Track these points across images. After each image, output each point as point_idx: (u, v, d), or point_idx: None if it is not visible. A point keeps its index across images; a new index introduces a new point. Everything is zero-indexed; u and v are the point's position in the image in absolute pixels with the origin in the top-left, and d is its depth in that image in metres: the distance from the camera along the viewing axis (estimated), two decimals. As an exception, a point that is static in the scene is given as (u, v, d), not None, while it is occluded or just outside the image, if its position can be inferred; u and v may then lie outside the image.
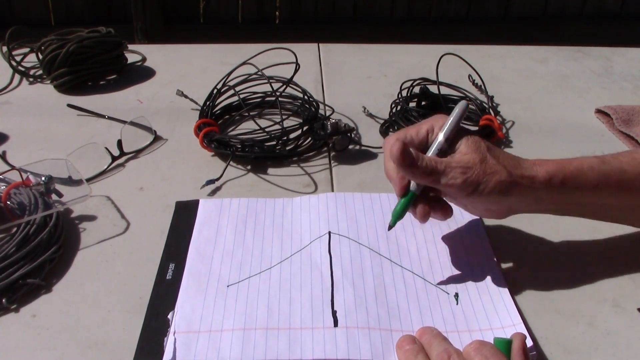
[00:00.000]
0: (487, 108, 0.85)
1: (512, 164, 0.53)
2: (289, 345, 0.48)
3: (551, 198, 0.54)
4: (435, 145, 0.54)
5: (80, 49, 0.90)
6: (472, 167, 0.52)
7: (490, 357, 0.43)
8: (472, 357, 0.44)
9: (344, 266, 0.56)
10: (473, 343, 0.45)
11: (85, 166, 0.70)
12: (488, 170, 0.52)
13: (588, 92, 0.97)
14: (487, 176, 0.52)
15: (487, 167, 0.52)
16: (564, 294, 0.56)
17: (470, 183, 0.51)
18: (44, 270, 0.56)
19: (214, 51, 1.09)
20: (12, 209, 0.61)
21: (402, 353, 0.47)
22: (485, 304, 0.53)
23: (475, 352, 0.44)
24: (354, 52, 1.11)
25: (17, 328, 0.51)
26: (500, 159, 0.53)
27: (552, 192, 0.54)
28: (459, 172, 0.51)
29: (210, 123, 0.77)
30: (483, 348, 0.44)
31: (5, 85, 0.93)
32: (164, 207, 0.66)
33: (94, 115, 0.85)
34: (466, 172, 0.51)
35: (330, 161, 0.76)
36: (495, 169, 0.52)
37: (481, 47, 1.13)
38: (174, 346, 0.48)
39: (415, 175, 0.52)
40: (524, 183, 0.52)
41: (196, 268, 0.56)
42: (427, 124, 0.56)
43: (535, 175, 0.53)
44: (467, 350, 0.44)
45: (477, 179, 0.51)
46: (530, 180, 0.53)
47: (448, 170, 0.52)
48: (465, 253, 0.59)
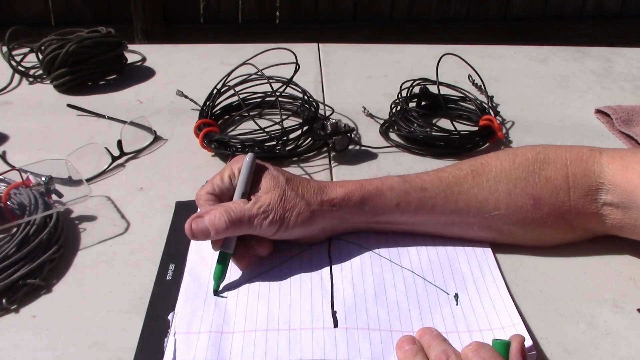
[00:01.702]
0: (487, 108, 0.85)
1: (313, 192, 0.56)
2: (289, 346, 0.48)
3: (355, 217, 0.57)
4: (237, 194, 0.56)
5: (80, 49, 0.90)
6: (272, 208, 0.54)
7: (487, 359, 0.43)
8: (469, 358, 0.44)
9: (344, 267, 0.56)
10: (471, 345, 0.45)
11: (85, 166, 0.70)
12: (287, 206, 0.54)
13: (588, 92, 0.97)
14: (287, 212, 0.54)
15: (286, 203, 0.54)
16: (564, 294, 0.56)
17: (275, 222, 0.54)
18: (44, 270, 0.56)
19: (214, 51, 1.09)
20: (12, 209, 0.61)
21: (402, 353, 0.47)
22: (485, 304, 0.53)
23: (473, 353, 0.44)
24: (354, 52, 1.11)
25: (17, 328, 0.51)
26: (299, 190, 0.55)
27: (353, 211, 0.57)
28: (262, 217, 0.53)
29: (210, 123, 0.77)
30: (481, 350, 0.44)
31: (5, 85, 0.93)
32: (164, 207, 0.66)
33: (94, 115, 0.85)
34: (268, 214, 0.54)
35: (330, 161, 0.76)
36: (293, 202, 0.54)
37: (481, 47, 1.13)
38: (174, 347, 0.48)
39: (216, 244, 0.55)
40: (324, 209, 0.56)
41: (196, 269, 0.56)
42: (228, 170, 0.58)
43: (334, 198, 0.56)
44: (465, 352, 0.44)
45: (279, 217, 0.54)
46: (329, 204, 0.56)
47: (253, 219, 0.53)
48: (465, 253, 0.59)
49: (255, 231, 0.54)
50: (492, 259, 0.58)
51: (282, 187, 0.55)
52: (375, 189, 0.57)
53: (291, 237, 0.57)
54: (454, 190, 0.57)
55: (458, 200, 0.57)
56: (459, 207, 0.57)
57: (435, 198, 0.57)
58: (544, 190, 0.57)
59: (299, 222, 0.54)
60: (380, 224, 0.59)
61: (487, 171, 0.58)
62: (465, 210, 0.57)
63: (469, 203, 0.57)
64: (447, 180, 0.58)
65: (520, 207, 0.57)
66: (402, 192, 0.57)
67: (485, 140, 0.79)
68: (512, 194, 0.57)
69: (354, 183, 0.58)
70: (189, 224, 0.53)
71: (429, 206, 0.57)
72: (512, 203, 0.57)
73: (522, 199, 0.57)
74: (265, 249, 0.56)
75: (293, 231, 0.55)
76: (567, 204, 0.57)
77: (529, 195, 0.57)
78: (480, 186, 0.58)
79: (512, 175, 0.58)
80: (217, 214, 0.53)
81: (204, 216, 0.53)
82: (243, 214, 0.53)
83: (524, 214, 0.57)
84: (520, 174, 0.58)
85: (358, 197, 0.56)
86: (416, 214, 0.58)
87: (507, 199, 0.57)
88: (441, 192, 0.57)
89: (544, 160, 0.58)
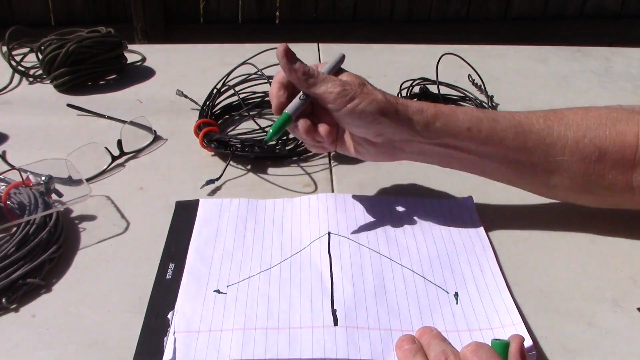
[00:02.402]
0: (487, 108, 0.85)
1: (389, 95, 0.58)
2: (289, 345, 0.48)
3: (425, 133, 0.57)
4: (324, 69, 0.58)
5: (80, 49, 0.90)
6: (350, 85, 0.56)
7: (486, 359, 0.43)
8: (468, 359, 0.44)
9: (344, 265, 0.56)
10: (470, 345, 0.45)
11: (85, 166, 0.70)
12: (365, 91, 0.56)
13: (588, 92, 0.97)
14: (363, 94, 0.56)
15: (365, 89, 0.56)
16: (564, 294, 0.56)
17: (346, 94, 0.55)
18: (44, 270, 0.56)
19: (214, 51, 1.09)
20: (12, 208, 0.61)
21: (401, 352, 0.47)
22: (485, 304, 0.53)
23: (472, 354, 0.44)
24: (354, 52, 1.10)
25: (17, 328, 0.51)
26: (377, 88, 0.58)
27: (424, 125, 0.57)
28: (337, 84, 0.56)
29: (210, 123, 0.77)
30: (480, 350, 0.44)
31: (5, 85, 0.93)
32: (163, 207, 0.66)
33: (94, 115, 0.85)
34: (344, 86, 0.56)
35: (330, 161, 0.76)
36: (372, 92, 0.56)
37: (481, 47, 1.13)
38: (173, 346, 0.48)
39: (291, 72, 0.56)
40: (398, 108, 0.56)
41: (196, 268, 0.56)
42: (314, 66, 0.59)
43: (409, 105, 0.57)
44: (464, 352, 0.44)
45: (353, 95, 0.55)
46: (404, 106, 0.57)
47: (327, 79, 0.56)
48: (465, 252, 0.59)
49: (327, 91, 0.55)
50: (493, 258, 0.58)
51: (363, 80, 0.58)
52: (449, 109, 0.58)
53: (357, 128, 0.57)
54: (524, 128, 0.58)
55: (527, 139, 0.58)
56: (527, 145, 0.58)
57: (506, 131, 0.58)
58: (611, 144, 0.57)
59: (371, 107, 0.55)
60: (448, 149, 0.59)
61: (559, 118, 0.59)
62: (532, 150, 0.58)
63: (536, 143, 0.58)
64: (519, 118, 0.59)
65: (585, 157, 0.58)
66: (475, 118, 0.58)
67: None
68: (579, 143, 0.57)
69: (428, 102, 0.59)
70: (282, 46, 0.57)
71: (499, 138, 0.58)
72: (578, 151, 0.58)
73: (588, 149, 0.57)
74: (324, 129, 0.58)
75: (364, 115, 0.55)
76: (631, 162, 0.57)
77: (596, 147, 0.57)
78: (550, 129, 0.58)
79: (582, 125, 0.58)
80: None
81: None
82: (321, 72, 0.56)
83: (586, 164, 0.58)
84: (592, 125, 0.58)
85: (432, 112, 0.57)
86: (485, 144, 0.58)
87: (573, 147, 0.58)
88: (512, 127, 0.58)
89: (617, 118, 0.58)
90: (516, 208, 0.67)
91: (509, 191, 0.64)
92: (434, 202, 0.66)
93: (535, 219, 0.65)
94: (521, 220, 0.65)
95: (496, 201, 0.68)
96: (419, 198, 0.67)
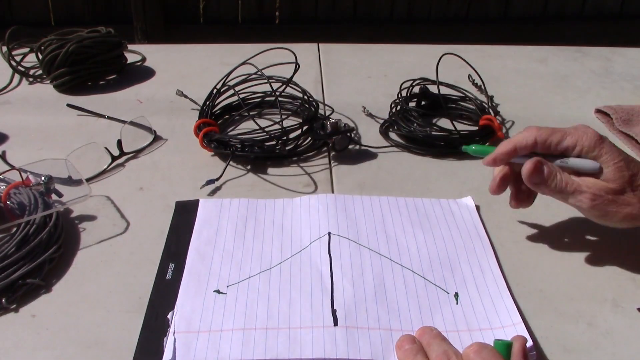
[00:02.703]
0: (487, 108, 0.85)
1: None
2: (289, 345, 0.48)
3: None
4: (574, 164, 0.54)
5: (80, 49, 0.90)
6: (602, 196, 0.51)
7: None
8: (471, 359, 0.44)
9: (344, 266, 0.56)
10: (473, 345, 0.44)
11: (85, 166, 0.70)
12: (620, 202, 0.51)
13: (588, 92, 0.97)
14: (618, 207, 0.51)
15: (621, 199, 0.51)
16: (564, 294, 0.56)
17: (598, 210, 0.51)
18: (44, 270, 0.56)
19: (214, 51, 1.09)
20: (11, 208, 0.61)
21: (402, 352, 0.47)
22: (485, 304, 0.53)
23: (474, 354, 0.44)
24: (354, 52, 1.11)
25: (17, 328, 0.51)
26: (635, 192, 0.51)
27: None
28: (587, 198, 0.51)
29: (210, 123, 0.77)
30: (483, 351, 0.44)
31: (5, 85, 0.93)
32: (164, 207, 0.66)
33: (94, 115, 0.85)
34: (595, 199, 0.51)
35: (330, 161, 0.76)
36: (629, 201, 0.51)
37: (481, 47, 1.13)
38: (173, 346, 0.48)
39: (540, 191, 0.54)
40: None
41: (196, 268, 0.56)
42: (572, 139, 0.54)
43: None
44: (467, 352, 0.44)
45: (605, 208, 0.51)
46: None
47: (577, 193, 0.52)
48: (465, 253, 0.59)
49: (575, 205, 0.52)
50: (493, 258, 0.58)
51: (625, 181, 0.52)
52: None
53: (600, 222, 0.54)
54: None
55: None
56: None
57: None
58: None
59: (625, 221, 0.52)
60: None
61: None
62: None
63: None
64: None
65: None
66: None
67: (485, 140, 0.79)
68: None
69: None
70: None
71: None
72: None
73: None
74: (522, 202, 0.57)
75: (613, 224, 0.53)
76: None
77: None
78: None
79: None
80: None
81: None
82: (571, 182, 0.52)
83: None
84: None
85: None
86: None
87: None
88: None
89: None
90: (516, 208, 0.67)
91: (509, 191, 0.64)
92: (434, 202, 0.66)
93: (536, 219, 0.65)
94: (521, 220, 0.65)
95: (496, 201, 0.68)
96: (419, 198, 0.67)
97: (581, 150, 0.54)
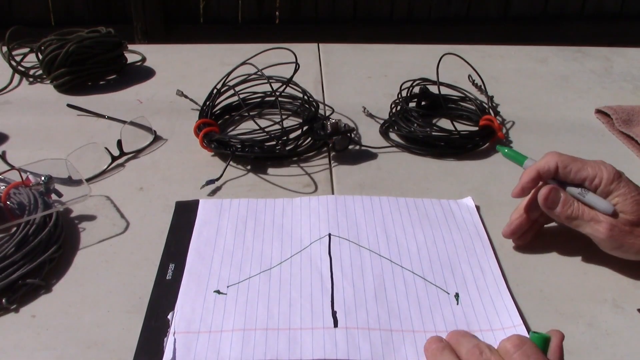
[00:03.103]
0: (487, 108, 0.85)
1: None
2: (289, 346, 0.48)
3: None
4: (591, 200, 0.54)
5: (80, 49, 0.90)
6: (619, 227, 0.51)
7: (531, 356, 0.40)
8: (511, 354, 0.41)
9: (344, 267, 0.56)
10: (511, 338, 0.42)
11: (85, 166, 0.70)
12: (637, 233, 0.51)
13: (588, 92, 0.97)
14: (635, 238, 0.51)
15: (637, 231, 0.51)
16: (564, 294, 0.56)
17: (614, 240, 0.51)
18: (44, 270, 0.56)
19: (214, 51, 1.09)
20: (11, 208, 0.61)
21: (430, 352, 0.46)
22: (486, 304, 0.53)
23: (515, 348, 0.41)
24: (354, 52, 1.11)
25: (17, 328, 0.51)
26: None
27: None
28: (605, 228, 0.51)
29: (210, 123, 0.77)
30: (524, 345, 0.41)
31: (5, 85, 0.93)
32: (164, 207, 0.66)
33: (94, 115, 0.85)
34: (612, 229, 0.51)
35: (330, 161, 0.76)
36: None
37: (481, 47, 1.13)
38: (173, 346, 0.48)
39: (554, 216, 0.54)
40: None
41: (196, 268, 0.56)
42: (592, 170, 0.54)
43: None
44: (505, 345, 0.41)
45: (621, 240, 0.51)
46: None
47: (594, 222, 0.52)
48: (465, 253, 0.59)
49: (590, 234, 0.52)
50: (493, 258, 0.58)
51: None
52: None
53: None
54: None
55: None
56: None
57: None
58: None
59: (638, 251, 0.52)
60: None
61: None
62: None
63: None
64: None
65: None
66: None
67: (485, 140, 0.79)
68: None
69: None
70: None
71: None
72: None
73: None
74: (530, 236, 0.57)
75: (629, 256, 0.53)
76: None
77: None
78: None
79: None
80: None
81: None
82: (588, 211, 0.52)
83: None
84: None
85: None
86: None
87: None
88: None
89: None
90: (516, 208, 0.67)
91: (509, 191, 0.64)
92: (434, 203, 0.66)
93: (536, 219, 0.65)
94: (521, 220, 0.65)
95: (496, 201, 0.68)
96: (419, 198, 0.67)
97: (600, 182, 0.54)
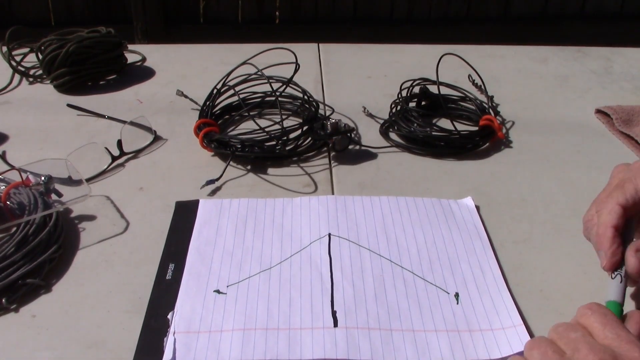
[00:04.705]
0: (487, 108, 0.85)
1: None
2: (289, 346, 0.48)
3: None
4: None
5: (80, 49, 0.90)
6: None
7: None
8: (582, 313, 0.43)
9: (344, 267, 0.56)
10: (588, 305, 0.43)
11: (85, 166, 0.70)
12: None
13: (588, 92, 0.97)
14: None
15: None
16: (564, 294, 0.56)
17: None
18: (44, 270, 0.56)
19: (214, 51, 1.09)
20: (11, 208, 0.61)
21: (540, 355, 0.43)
22: (486, 304, 0.53)
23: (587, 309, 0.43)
24: (354, 52, 1.11)
25: (17, 328, 0.51)
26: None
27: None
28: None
29: (210, 123, 0.77)
30: (600, 309, 0.43)
31: (5, 85, 0.93)
32: (163, 207, 0.66)
33: (94, 115, 0.85)
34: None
35: (330, 161, 0.76)
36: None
37: (481, 47, 1.13)
38: (173, 346, 0.48)
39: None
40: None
41: (196, 268, 0.56)
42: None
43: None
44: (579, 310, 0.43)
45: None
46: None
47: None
48: (465, 253, 0.59)
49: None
50: (493, 258, 0.58)
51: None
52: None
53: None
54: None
55: None
56: None
57: None
58: None
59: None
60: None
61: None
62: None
63: None
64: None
65: None
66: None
67: (485, 140, 0.79)
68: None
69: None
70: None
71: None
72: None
73: None
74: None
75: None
76: None
77: None
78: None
79: None
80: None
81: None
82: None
83: None
84: None
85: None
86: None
87: None
88: None
89: None
90: (516, 208, 0.67)
91: (509, 191, 0.64)
92: (434, 202, 0.66)
93: (535, 219, 0.65)
94: (521, 220, 0.65)
95: (496, 201, 0.68)
96: (419, 198, 0.67)
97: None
